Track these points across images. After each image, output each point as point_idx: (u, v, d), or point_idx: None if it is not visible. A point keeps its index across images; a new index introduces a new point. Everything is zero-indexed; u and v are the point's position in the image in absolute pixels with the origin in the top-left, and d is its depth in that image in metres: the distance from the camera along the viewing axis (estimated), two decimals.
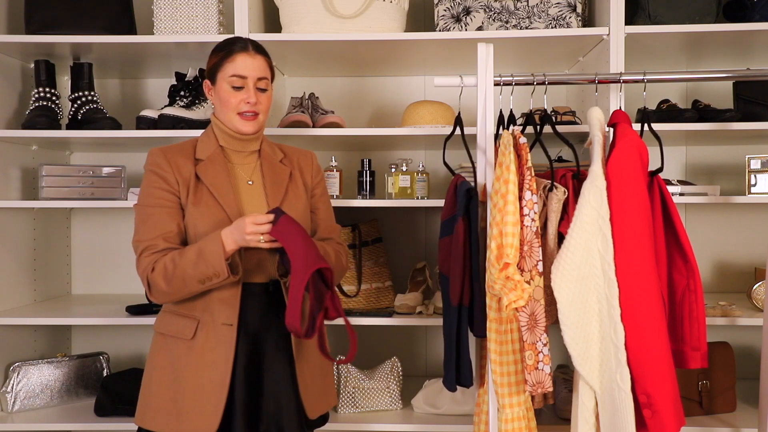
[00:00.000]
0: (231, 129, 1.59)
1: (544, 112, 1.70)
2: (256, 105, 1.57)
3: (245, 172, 1.63)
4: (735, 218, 2.50)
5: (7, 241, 2.26)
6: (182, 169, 1.56)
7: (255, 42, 1.61)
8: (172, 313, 1.57)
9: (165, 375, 1.54)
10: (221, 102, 1.58)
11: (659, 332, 1.52)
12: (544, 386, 1.51)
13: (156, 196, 1.54)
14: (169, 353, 1.54)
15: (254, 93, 1.57)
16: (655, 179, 1.66)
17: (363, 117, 2.56)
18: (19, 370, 2.20)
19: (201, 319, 1.53)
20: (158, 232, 1.51)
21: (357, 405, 2.15)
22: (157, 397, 1.54)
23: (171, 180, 1.55)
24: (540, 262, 1.54)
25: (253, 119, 1.58)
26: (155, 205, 1.54)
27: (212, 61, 1.60)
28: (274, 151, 1.69)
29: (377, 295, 2.27)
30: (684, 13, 2.05)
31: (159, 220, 1.52)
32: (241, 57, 1.56)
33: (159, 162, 1.56)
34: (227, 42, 1.60)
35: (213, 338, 1.52)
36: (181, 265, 1.46)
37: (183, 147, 1.62)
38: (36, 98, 2.20)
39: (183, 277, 1.46)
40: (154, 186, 1.55)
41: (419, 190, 2.21)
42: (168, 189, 1.55)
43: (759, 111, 2.12)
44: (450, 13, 2.12)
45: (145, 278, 1.50)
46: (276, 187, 1.62)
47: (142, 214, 1.54)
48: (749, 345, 2.48)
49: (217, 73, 1.58)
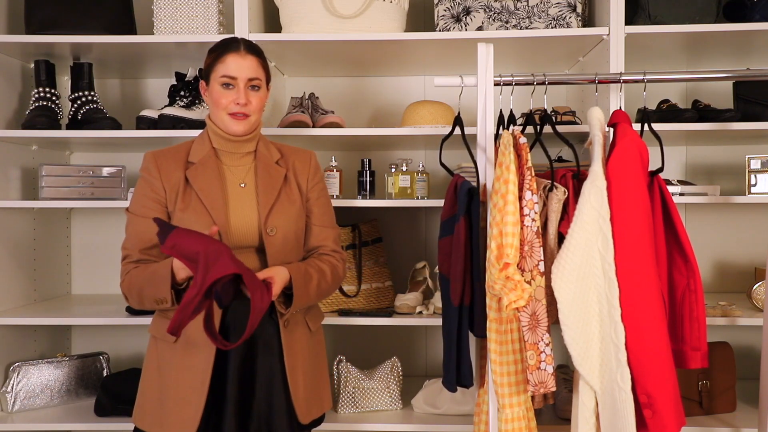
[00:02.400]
0: (223, 130, 1.59)
1: (544, 112, 1.70)
2: (245, 106, 1.56)
3: (238, 174, 1.61)
4: (735, 218, 2.50)
5: (7, 241, 2.26)
6: (171, 175, 1.56)
7: (248, 42, 1.60)
8: (161, 315, 1.58)
9: (153, 376, 1.57)
10: (213, 102, 1.58)
11: (659, 332, 1.53)
12: (547, 386, 1.51)
13: (141, 204, 1.56)
14: (158, 355, 1.56)
15: (244, 93, 1.55)
16: (656, 179, 1.66)
17: (363, 117, 2.56)
18: (19, 370, 2.20)
19: None
20: (136, 243, 1.54)
21: (357, 405, 2.15)
22: (146, 397, 1.57)
23: (157, 187, 1.55)
24: (541, 262, 1.54)
25: (243, 119, 1.57)
26: (139, 213, 1.56)
27: (206, 62, 1.60)
28: (270, 151, 1.66)
29: (377, 295, 2.27)
30: (684, 13, 2.05)
31: (140, 231, 1.55)
32: (231, 57, 1.55)
33: (149, 167, 1.58)
34: (221, 43, 1.60)
35: (193, 341, 1.51)
36: (138, 283, 1.50)
37: (177, 150, 1.62)
38: (36, 98, 2.20)
39: (140, 294, 1.50)
40: (141, 193, 1.58)
41: (419, 190, 2.21)
42: (154, 198, 1.56)
43: (759, 111, 2.12)
44: (450, 13, 2.12)
45: (121, 286, 1.56)
46: (268, 191, 1.59)
47: (129, 220, 1.58)
48: (749, 345, 2.48)
49: (210, 73, 1.58)
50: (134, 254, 1.54)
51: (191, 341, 1.52)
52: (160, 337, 1.56)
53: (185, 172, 1.57)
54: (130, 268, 1.53)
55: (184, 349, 1.53)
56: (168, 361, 1.54)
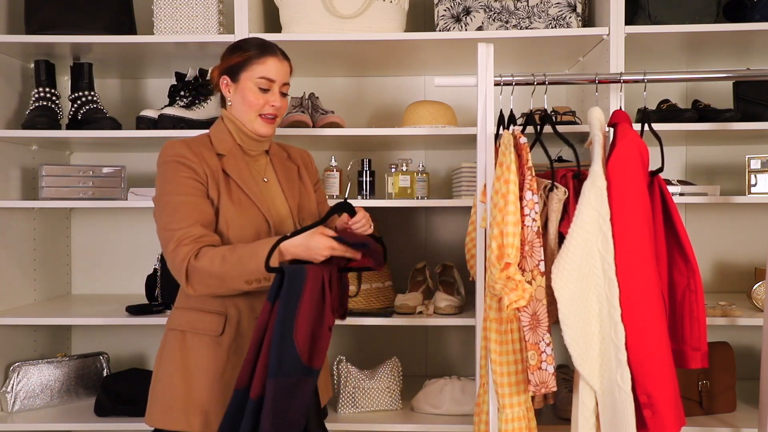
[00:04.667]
0: (249, 129, 1.60)
1: (544, 112, 1.70)
2: (278, 109, 1.61)
3: (258, 170, 1.65)
4: (735, 218, 2.50)
5: (7, 241, 2.26)
6: (209, 161, 1.54)
7: (281, 48, 1.64)
8: (188, 309, 1.55)
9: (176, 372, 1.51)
10: (244, 101, 1.58)
11: (660, 332, 1.53)
12: (548, 386, 1.51)
13: (186, 185, 1.49)
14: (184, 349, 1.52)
15: (279, 97, 1.60)
16: (656, 179, 1.66)
17: (363, 117, 2.56)
18: (19, 370, 2.20)
19: (228, 314, 1.53)
20: (193, 220, 1.46)
21: (357, 405, 2.15)
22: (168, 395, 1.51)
23: (198, 170, 1.51)
24: (541, 262, 1.54)
25: (272, 122, 1.61)
26: (187, 193, 1.48)
27: (235, 59, 1.59)
28: (279, 150, 1.73)
29: (377, 295, 2.27)
30: (684, 13, 2.05)
31: (194, 209, 1.47)
32: (272, 60, 1.58)
33: (183, 153, 1.52)
34: (255, 42, 1.61)
35: (240, 336, 1.52)
36: (231, 260, 1.41)
37: (202, 140, 1.60)
38: (36, 98, 2.20)
39: (230, 273, 1.42)
40: (181, 175, 1.49)
41: (419, 190, 2.21)
42: (197, 179, 1.51)
43: (759, 111, 2.12)
44: (450, 13, 2.12)
45: (184, 267, 1.43)
46: (290, 185, 1.66)
47: (173, 204, 1.47)
48: (749, 345, 2.48)
49: (242, 72, 1.58)
50: (194, 230, 1.44)
51: (237, 337, 1.52)
52: (190, 330, 1.52)
53: (220, 162, 1.56)
54: (201, 245, 1.43)
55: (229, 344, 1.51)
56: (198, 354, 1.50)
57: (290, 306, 1.38)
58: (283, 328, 1.36)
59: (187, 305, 1.56)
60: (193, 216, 1.47)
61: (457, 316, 2.12)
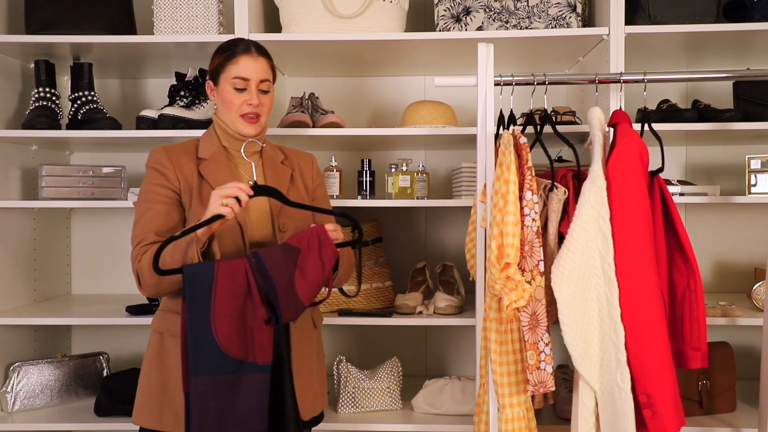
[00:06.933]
0: (233, 130, 1.61)
1: (544, 112, 1.70)
2: (258, 107, 1.59)
3: (247, 172, 1.64)
4: (735, 218, 2.50)
5: (7, 241, 2.26)
6: (184, 167, 1.57)
7: (258, 44, 1.62)
8: (167, 311, 1.58)
9: (153, 371, 1.55)
10: (224, 103, 1.60)
11: (659, 332, 1.52)
12: (547, 386, 1.51)
13: (154, 192, 1.55)
14: (160, 350, 1.56)
15: (256, 95, 1.59)
16: (656, 179, 1.66)
17: (363, 117, 2.56)
18: (19, 370, 2.20)
19: None
20: (152, 228, 1.52)
21: (357, 405, 2.15)
22: (145, 393, 1.56)
23: (171, 177, 1.56)
24: (541, 262, 1.54)
25: (254, 121, 1.60)
26: (152, 201, 1.54)
27: (215, 62, 1.61)
28: (275, 152, 1.71)
29: (377, 295, 2.27)
30: (684, 13, 2.05)
31: (155, 216, 1.53)
32: (244, 59, 1.57)
33: (161, 159, 1.57)
34: (230, 43, 1.61)
35: None
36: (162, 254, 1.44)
37: (185, 146, 1.63)
38: (36, 98, 2.20)
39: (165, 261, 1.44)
40: (153, 182, 1.56)
41: (419, 190, 2.21)
42: (167, 186, 1.55)
43: (759, 111, 2.12)
44: (450, 13, 2.12)
45: (135, 270, 1.50)
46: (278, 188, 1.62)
47: (140, 210, 1.55)
48: (749, 345, 2.48)
49: (220, 74, 1.59)
50: (149, 237, 1.50)
51: None
52: (167, 332, 1.55)
53: (198, 167, 1.58)
54: (147, 249, 1.48)
55: None
56: (174, 355, 1.53)
57: (196, 303, 1.36)
58: (195, 325, 1.36)
59: (165, 307, 1.60)
60: (154, 223, 1.52)
61: (457, 316, 2.12)
